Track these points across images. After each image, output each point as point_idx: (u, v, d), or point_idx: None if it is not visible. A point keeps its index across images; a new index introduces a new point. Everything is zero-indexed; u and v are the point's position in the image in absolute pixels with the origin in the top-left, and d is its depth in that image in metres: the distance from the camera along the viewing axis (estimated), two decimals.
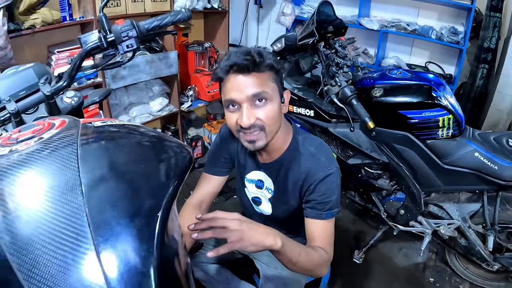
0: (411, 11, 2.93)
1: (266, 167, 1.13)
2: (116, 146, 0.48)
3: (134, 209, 0.41)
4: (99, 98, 1.05)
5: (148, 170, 0.46)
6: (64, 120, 0.51)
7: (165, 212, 0.42)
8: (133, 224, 0.39)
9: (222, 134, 1.21)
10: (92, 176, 0.42)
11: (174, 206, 0.46)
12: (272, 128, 0.97)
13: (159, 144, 0.51)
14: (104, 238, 0.37)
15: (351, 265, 1.95)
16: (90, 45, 0.84)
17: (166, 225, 0.42)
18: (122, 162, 0.46)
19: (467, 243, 1.69)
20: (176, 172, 0.47)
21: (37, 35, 2.01)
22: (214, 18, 3.05)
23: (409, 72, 1.61)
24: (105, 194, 0.41)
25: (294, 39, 1.60)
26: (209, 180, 1.21)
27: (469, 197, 1.68)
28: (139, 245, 0.38)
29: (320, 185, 1.00)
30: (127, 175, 0.44)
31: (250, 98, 0.92)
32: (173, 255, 0.44)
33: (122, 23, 0.84)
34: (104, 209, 0.39)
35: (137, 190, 0.43)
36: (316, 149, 1.05)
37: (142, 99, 2.63)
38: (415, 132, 1.52)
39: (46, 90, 0.80)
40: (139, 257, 0.38)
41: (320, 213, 1.01)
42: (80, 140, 0.45)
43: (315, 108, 1.65)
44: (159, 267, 0.39)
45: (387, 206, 1.82)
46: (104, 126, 0.51)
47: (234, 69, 0.92)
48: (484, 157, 1.47)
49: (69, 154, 0.42)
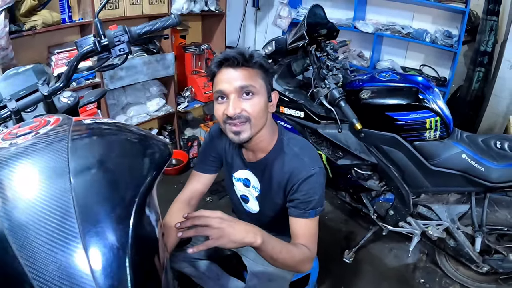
0: (406, 15, 2.97)
1: (252, 166, 1.17)
2: (102, 141, 0.55)
3: (114, 194, 0.47)
4: (94, 98, 1.10)
5: (129, 162, 0.53)
6: (58, 118, 0.57)
7: (142, 199, 0.48)
8: (112, 207, 0.45)
9: (212, 133, 1.25)
10: (79, 166, 0.48)
11: (152, 195, 0.52)
12: (257, 122, 1.01)
13: (142, 140, 0.57)
14: (87, 218, 0.43)
15: (341, 264, 1.98)
16: (86, 49, 0.90)
17: (143, 210, 0.48)
18: (106, 155, 0.52)
19: (456, 245, 1.72)
20: (153, 165, 0.53)
21: (38, 36, 2.06)
22: (212, 20, 3.09)
23: (397, 75, 1.64)
24: (90, 182, 0.47)
25: (285, 42, 1.64)
26: (198, 177, 1.25)
27: (458, 199, 1.70)
28: (116, 225, 0.44)
29: (303, 184, 1.03)
30: (110, 166, 0.50)
31: (238, 89, 0.98)
32: (149, 237, 0.50)
33: (115, 29, 0.88)
34: (88, 194, 0.46)
35: (118, 179, 0.49)
36: (300, 149, 1.08)
37: (139, 100, 2.67)
38: (403, 133, 1.55)
39: (44, 91, 0.85)
40: (116, 236, 0.43)
41: (303, 212, 1.04)
42: (71, 135, 0.51)
43: (305, 109, 1.69)
44: (134, 245, 0.44)
45: (377, 206, 1.85)
46: (93, 124, 0.57)
47: (225, 64, 0.99)
48: (471, 158, 1.50)
49: (61, 147, 0.48)
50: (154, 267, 0.49)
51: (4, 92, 0.89)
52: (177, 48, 2.84)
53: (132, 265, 0.43)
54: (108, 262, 0.42)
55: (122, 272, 0.42)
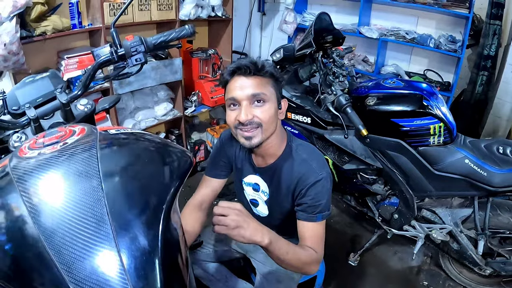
0: (411, 20, 2.99)
1: (261, 171, 1.21)
2: (130, 150, 0.58)
3: (143, 202, 0.51)
4: (109, 105, 1.13)
5: (155, 171, 0.57)
6: (83, 128, 0.60)
7: (168, 206, 0.52)
8: (143, 213, 0.49)
9: (222, 139, 1.29)
10: (110, 175, 0.51)
11: (176, 201, 0.55)
12: (268, 127, 1.06)
13: (164, 150, 0.61)
14: (120, 224, 0.46)
15: (346, 267, 2.00)
16: (103, 58, 0.93)
17: (169, 216, 0.51)
18: (134, 164, 0.56)
19: (459, 248, 1.74)
20: (178, 174, 0.57)
21: (48, 42, 2.09)
22: (218, 25, 3.13)
23: (402, 82, 1.68)
24: (121, 189, 0.51)
25: (293, 50, 1.68)
26: (209, 182, 1.30)
27: (461, 203, 1.73)
28: (147, 230, 0.48)
29: (311, 189, 1.08)
30: (138, 174, 0.54)
31: (250, 97, 1.03)
32: (174, 241, 0.53)
33: (132, 39, 0.92)
34: (120, 201, 0.49)
35: (146, 187, 0.53)
36: (308, 155, 1.13)
37: (147, 104, 2.72)
38: (407, 139, 1.58)
39: (63, 99, 0.87)
40: (147, 240, 0.47)
41: (310, 216, 1.08)
42: (99, 145, 0.55)
43: (312, 115, 1.73)
44: (163, 249, 0.48)
45: (382, 210, 1.88)
46: (118, 134, 0.61)
47: (238, 72, 1.04)
48: (474, 163, 1.52)
49: (91, 157, 0.52)
50: (180, 269, 0.52)
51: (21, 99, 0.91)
52: (184, 53, 2.88)
53: (162, 267, 0.46)
54: (141, 265, 0.45)
55: (153, 274, 0.46)
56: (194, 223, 1.18)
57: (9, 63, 1.81)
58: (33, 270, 0.44)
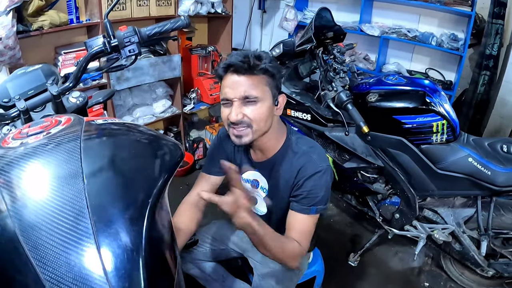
0: (412, 18, 2.96)
1: (260, 166, 1.17)
2: (115, 141, 0.54)
3: (127, 195, 0.47)
4: (103, 98, 1.11)
5: (142, 163, 0.53)
6: (69, 118, 0.57)
7: (154, 201, 0.48)
8: (126, 208, 0.45)
9: (220, 136, 1.26)
10: (93, 167, 0.47)
11: (164, 196, 0.51)
12: (259, 127, 1.03)
13: (154, 141, 0.57)
14: (100, 218, 0.43)
15: (346, 267, 1.97)
16: (95, 49, 0.90)
17: (155, 212, 0.47)
18: (119, 156, 0.52)
19: (461, 248, 1.71)
20: (166, 167, 0.53)
21: (45, 37, 2.07)
22: (218, 22, 3.10)
23: (404, 78, 1.64)
24: (103, 182, 0.47)
25: (292, 45, 1.65)
26: (206, 179, 1.26)
27: (464, 202, 1.70)
28: (130, 226, 0.44)
29: (309, 180, 1.05)
30: (124, 167, 0.50)
31: (241, 97, 1.00)
32: (161, 239, 0.49)
33: (125, 30, 0.89)
34: (102, 194, 0.45)
35: (132, 180, 0.49)
36: (308, 147, 1.10)
37: (145, 101, 2.69)
38: (410, 137, 1.55)
39: (53, 90, 0.85)
40: (130, 237, 0.43)
41: (304, 208, 1.05)
42: (83, 136, 0.51)
43: (312, 112, 1.70)
44: (148, 247, 0.44)
45: (383, 210, 1.84)
46: (105, 124, 0.57)
47: (231, 69, 1.01)
48: (477, 162, 1.49)
49: (74, 147, 0.48)
50: (167, 269, 0.49)
51: (12, 91, 0.89)
52: (183, 50, 2.85)
53: (145, 267, 0.43)
54: (122, 264, 0.42)
55: (135, 274, 0.42)
56: (189, 221, 1.15)
57: (5, 58, 1.80)
58: (7, 265, 0.41)
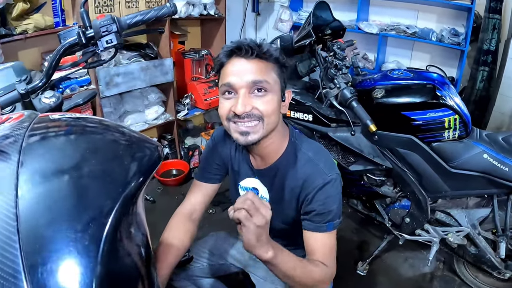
0: (410, 14, 2.90)
1: (260, 173, 1.05)
2: (69, 140, 0.41)
3: (78, 211, 0.34)
4: (83, 100, 0.99)
5: (103, 168, 0.39)
6: (22, 114, 0.45)
7: (117, 217, 0.35)
8: (74, 230, 0.32)
9: (215, 138, 1.14)
10: (33, 173, 0.35)
11: (138, 209, 0.39)
12: (270, 121, 0.89)
13: (122, 140, 0.44)
14: (35, 247, 0.30)
15: (355, 277, 1.86)
16: (69, 41, 0.79)
17: (117, 232, 0.34)
18: (72, 158, 0.39)
19: (477, 251, 1.61)
20: (137, 171, 0.39)
21: (30, 41, 1.99)
22: (211, 25, 3.02)
23: (411, 72, 1.55)
24: (45, 194, 0.34)
25: (290, 40, 1.54)
26: (200, 187, 1.13)
27: (478, 202, 1.61)
28: (78, 258, 0.30)
29: (319, 193, 0.92)
30: (76, 173, 0.37)
31: (250, 85, 0.85)
32: (127, 272, 0.35)
33: (102, 18, 0.78)
34: (40, 211, 0.32)
35: (86, 190, 0.36)
36: (314, 154, 0.97)
37: (137, 107, 2.57)
38: (420, 134, 1.45)
39: (20, 89, 0.75)
40: (77, 274, 0.30)
41: (319, 226, 0.93)
42: (29, 133, 0.38)
43: (313, 112, 1.58)
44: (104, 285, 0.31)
45: (392, 214, 1.73)
46: (61, 119, 0.44)
47: (237, 53, 0.86)
48: (493, 158, 1.40)
49: (11, 148, 0.36)
50: None
51: None
52: (176, 54, 2.76)
53: None
54: None
55: None
56: (183, 236, 1.02)
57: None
58: None
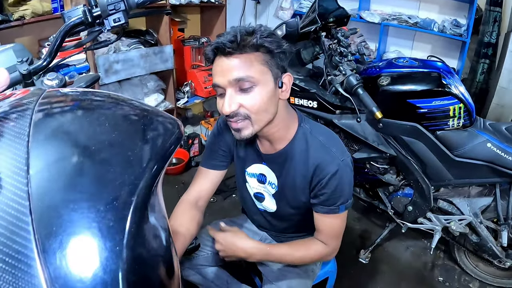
0: (412, 4, 2.86)
1: (268, 159, 1.03)
2: (85, 115, 0.37)
3: (98, 191, 0.30)
4: (85, 84, 0.96)
5: (123, 146, 0.35)
6: (28, 90, 0.42)
7: (142, 199, 0.32)
8: (95, 211, 0.28)
9: (220, 125, 1.12)
10: (45, 149, 0.32)
11: (158, 193, 0.36)
12: (260, 117, 0.88)
13: (142, 116, 0.40)
14: (51, 229, 0.27)
15: (357, 265, 1.87)
16: (74, 20, 0.76)
17: (142, 216, 0.31)
18: (89, 135, 0.35)
19: (479, 240, 1.62)
20: (159, 150, 0.36)
21: (27, 28, 1.95)
22: (211, 12, 2.97)
23: (416, 60, 1.53)
24: (60, 172, 0.31)
25: (296, 26, 1.51)
26: (206, 174, 1.12)
27: (480, 191, 1.61)
28: (101, 241, 0.27)
29: (333, 179, 0.92)
30: (94, 150, 0.33)
31: (233, 83, 0.84)
32: (153, 256, 0.32)
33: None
34: (55, 190, 0.29)
35: (105, 169, 0.32)
36: (326, 138, 0.96)
37: (136, 95, 2.54)
38: (424, 122, 1.44)
39: (22, 69, 0.72)
40: (101, 257, 0.27)
41: (332, 209, 0.94)
42: (38, 105, 0.35)
43: (318, 99, 1.57)
44: (132, 271, 0.28)
45: (394, 202, 1.73)
46: (74, 94, 0.41)
47: (218, 52, 0.85)
48: (497, 147, 1.40)
49: (20, 123, 0.33)
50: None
51: None
52: (175, 42, 2.71)
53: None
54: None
55: None
56: (189, 223, 1.00)
57: None
58: None
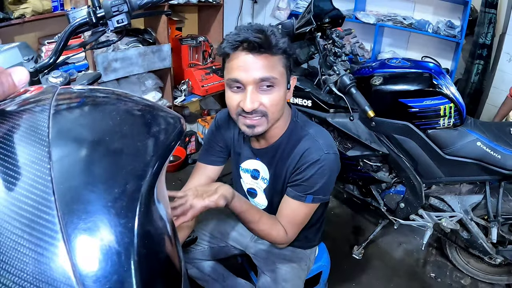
0: (407, 6, 2.91)
1: (261, 153, 1.07)
2: (98, 111, 0.41)
3: (111, 176, 0.34)
4: (87, 81, 1.00)
5: (133, 139, 0.40)
6: (41, 87, 0.46)
7: (151, 184, 0.36)
8: (110, 194, 0.32)
9: (218, 121, 1.16)
10: (64, 140, 0.36)
11: (162, 181, 0.40)
12: (275, 116, 0.92)
13: (147, 112, 0.45)
14: (72, 207, 0.30)
15: (351, 261, 1.91)
16: (78, 21, 0.80)
17: (151, 201, 0.35)
18: (103, 128, 0.39)
19: (469, 236, 1.66)
20: (164, 143, 0.40)
21: (27, 26, 1.97)
22: (208, 11, 3.00)
23: (408, 61, 1.57)
24: (78, 160, 0.35)
25: (291, 27, 1.55)
26: (203, 170, 1.16)
27: (471, 189, 1.65)
28: (116, 219, 0.31)
29: (311, 167, 0.94)
30: (107, 142, 0.37)
31: (257, 81, 0.86)
32: (160, 235, 0.36)
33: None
34: (75, 176, 0.33)
35: (118, 159, 0.36)
36: (315, 131, 1.00)
37: (134, 93, 2.56)
38: (416, 121, 1.48)
39: (29, 67, 0.76)
40: (116, 233, 0.31)
41: (299, 195, 0.96)
42: (55, 101, 0.39)
43: (312, 98, 1.61)
44: (141, 247, 0.32)
45: (387, 199, 1.77)
46: (86, 91, 0.45)
47: (244, 46, 0.85)
48: (486, 146, 1.44)
49: (40, 116, 0.36)
50: (169, 275, 0.36)
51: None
52: (173, 41, 2.74)
53: (140, 275, 0.30)
54: (104, 271, 0.29)
55: (125, 285, 0.30)
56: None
57: None
58: None
